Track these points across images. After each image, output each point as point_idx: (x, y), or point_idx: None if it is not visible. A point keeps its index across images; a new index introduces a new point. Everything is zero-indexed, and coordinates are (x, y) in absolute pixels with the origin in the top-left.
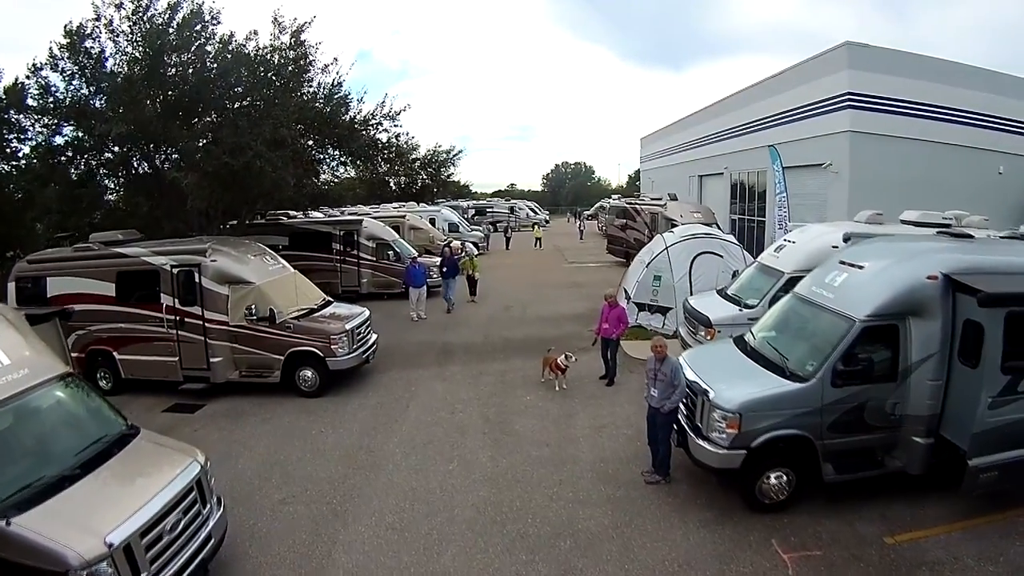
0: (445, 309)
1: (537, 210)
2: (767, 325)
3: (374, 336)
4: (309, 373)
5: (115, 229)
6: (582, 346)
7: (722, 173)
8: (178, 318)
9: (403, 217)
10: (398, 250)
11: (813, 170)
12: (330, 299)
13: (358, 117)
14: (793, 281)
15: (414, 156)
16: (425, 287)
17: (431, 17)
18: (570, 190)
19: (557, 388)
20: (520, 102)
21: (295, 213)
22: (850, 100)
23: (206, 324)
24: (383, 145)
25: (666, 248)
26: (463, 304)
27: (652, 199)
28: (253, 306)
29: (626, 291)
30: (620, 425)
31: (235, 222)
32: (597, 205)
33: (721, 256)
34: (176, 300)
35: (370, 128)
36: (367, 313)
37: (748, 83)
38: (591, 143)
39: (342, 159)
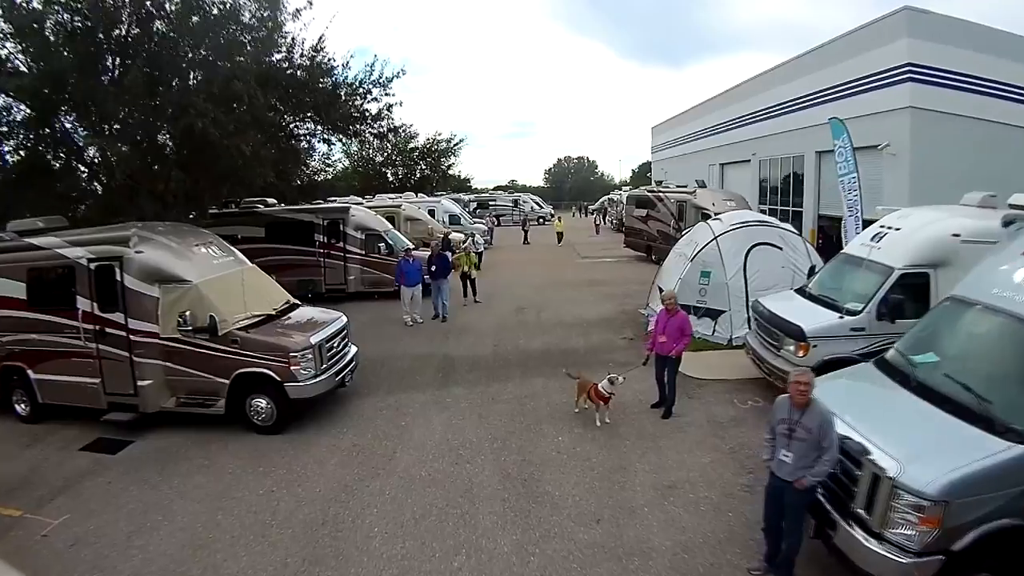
0: (432, 316)
1: (541, 204)
2: (927, 345)
3: (353, 349)
4: (263, 402)
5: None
6: (620, 361)
7: (749, 160)
8: (98, 328)
9: (399, 207)
10: (391, 242)
11: (865, 153)
12: (296, 301)
13: (342, 82)
14: (907, 278)
15: (412, 145)
16: (420, 285)
17: (430, 14)
18: (573, 185)
19: (598, 423)
20: (520, 99)
21: (274, 201)
22: (911, 72)
23: (131, 336)
24: (372, 116)
25: (715, 238)
26: (463, 307)
27: (677, 186)
28: (188, 312)
29: (661, 290)
30: (696, 483)
31: (213, 210)
32: (603, 199)
33: (780, 248)
34: (94, 304)
35: (357, 97)
36: (343, 320)
37: (780, 61)
38: (592, 140)
39: (324, 134)
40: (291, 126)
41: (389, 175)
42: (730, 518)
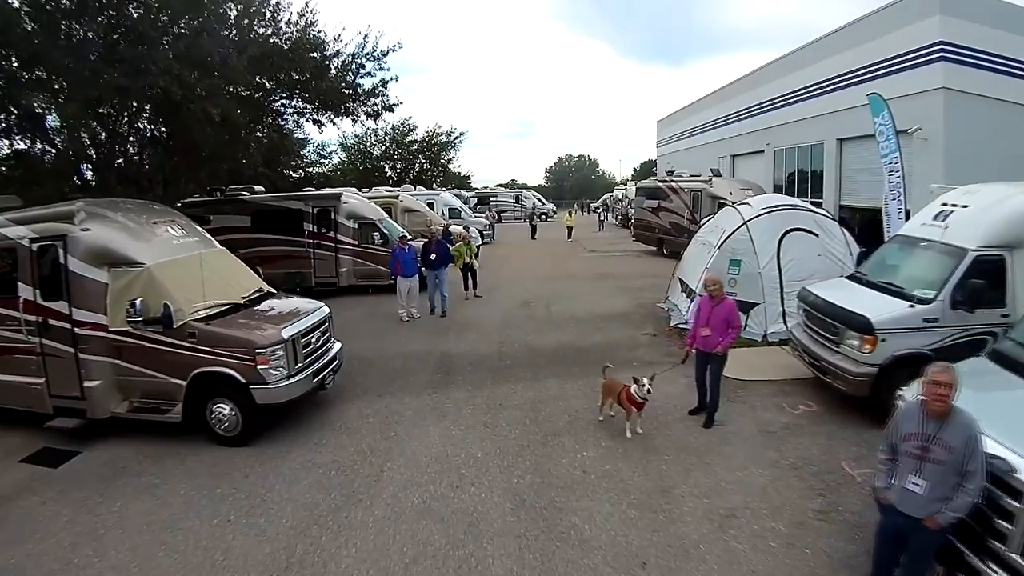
0: (429, 311)
1: (543, 200)
2: None
3: (336, 346)
4: (226, 408)
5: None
6: (645, 359)
7: (762, 150)
8: (40, 319)
9: (396, 198)
10: (385, 231)
11: None
12: (271, 290)
13: (330, 53)
14: (984, 262)
15: (411, 138)
16: (417, 276)
17: (430, 14)
18: (574, 183)
19: (629, 433)
20: (520, 98)
21: (261, 189)
22: (943, 51)
23: (75, 329)
24: (366, 93)
25: (745, 223)
26: (464, 301)
27: (691, 176)
28: (139, 300)
29: (683, 282)
30: (759, 510)
31: (195, 197)
32: (607, 196)
33: (816, 235)
34: (36, 292)
35: (348, 72)
36: (324, 311)
37: (800, 44)
38: (593, 138)
39: (314, 114)
40: (278, 104)
41: (387, 169)
42: (808, 556)
